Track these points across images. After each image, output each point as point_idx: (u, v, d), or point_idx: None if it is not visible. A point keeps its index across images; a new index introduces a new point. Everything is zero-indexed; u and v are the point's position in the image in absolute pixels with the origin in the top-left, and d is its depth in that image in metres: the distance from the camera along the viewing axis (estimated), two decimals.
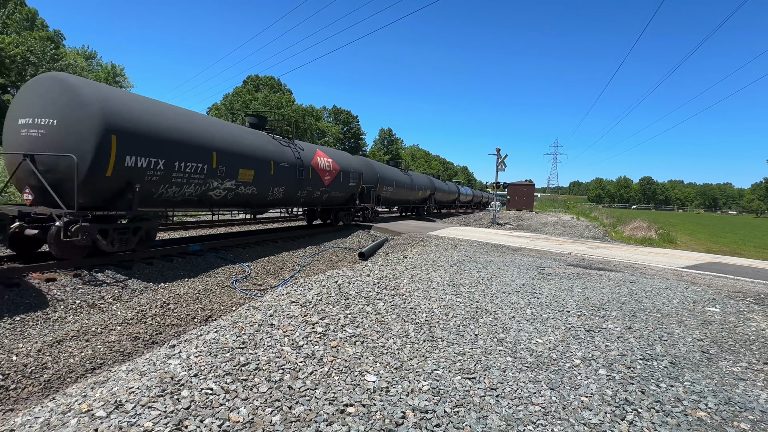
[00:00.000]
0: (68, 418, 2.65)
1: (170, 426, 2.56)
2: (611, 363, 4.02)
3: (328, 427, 2.69)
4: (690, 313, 5.89)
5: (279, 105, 53.11)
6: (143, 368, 3.39)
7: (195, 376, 3.20)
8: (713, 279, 8.97)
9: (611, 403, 3.23)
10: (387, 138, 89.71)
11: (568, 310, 5.67)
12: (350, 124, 74.58)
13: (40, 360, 4.78)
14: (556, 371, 3.77)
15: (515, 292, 6.52)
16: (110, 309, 6.42)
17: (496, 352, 4.12)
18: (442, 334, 4.54)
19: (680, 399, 3.37)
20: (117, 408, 2.73)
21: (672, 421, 3.03)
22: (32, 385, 4.44)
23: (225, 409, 2.79)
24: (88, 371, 4.86)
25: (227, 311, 7.08)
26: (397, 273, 7.47)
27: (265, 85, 58.15)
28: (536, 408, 3.11)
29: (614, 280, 7.83)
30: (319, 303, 5.25)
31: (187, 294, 7.40)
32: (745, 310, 6.29)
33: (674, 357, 4.25)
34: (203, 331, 4.28)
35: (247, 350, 3.74)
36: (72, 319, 5.96)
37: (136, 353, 5.39)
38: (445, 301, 5.80)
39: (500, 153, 25.94)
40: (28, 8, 39.33)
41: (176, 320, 6.49)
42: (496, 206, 29.42)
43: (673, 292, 7.13)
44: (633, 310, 5.89)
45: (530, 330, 4.82)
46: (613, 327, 5.09)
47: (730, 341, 4.85)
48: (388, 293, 5.99)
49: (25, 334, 5.38)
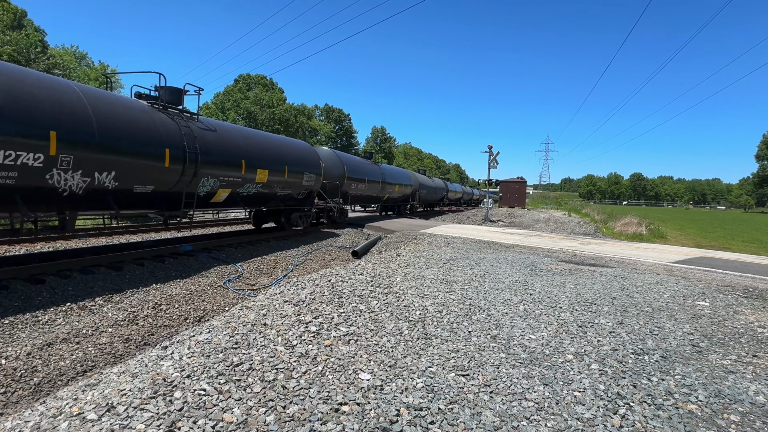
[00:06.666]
0: (59, 422, 2.62)
1: (163, 428, 2.54)
2: (603, 358, 4.05)
3: (322, 426, 2.69)
4: (680, 308, 5.96)
5: (270, 104, 52.78)
6: (135, 370, 3.36)
7: (188, 377, 3.17)
8: (703, 273, 9.08)
9: (603, 398, 3.26)
10: (380, 136, 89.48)
11: (561, 306, 5.71)
12: (342, 123, 74.31)
13: (30, 363, 4.72)
14: (549, 367, 3.79)
15: (508, 289, 6.55)
16: (101, 311, 6.35)
17: (489, 349, 4.14)
18: (435, 331, 4.54)
19: (671, 392, 3.40)
20: (109, 410, 2.70)
21: (663, 414, 3.07)
22: (22, 388, 4.38)
23: (218, 409, 2.78)
24: (79, 374, 4.81)
25: (220, 311, 7.04)
26: (390, 271, 7.47)
27: (256, 83, 57.75)
28: (530, 403, 3.13)
29: (606, 276, 7.90)
30: (313, 302, 5.23)
31: (179, 295, 7.35)
32: (734, 303, 6.38)
33: (665, 351, 4.30)
34: (196, 332, 4.25)
35: (241, 350, 3.72)
36: (62, 321, 5.89)
37: (128, 355, 5.33)
38: (438, 298, 5.81)
39: (492, 150, 25.99)
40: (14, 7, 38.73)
41: (168, 321, 6.43)
42: (489, 203, 29.50)
43: (663, 286, 7.21)
44: (624, 305, 5.94)
45: (523, 326, 4.85)
46: (605, 322, 5.13)
47: (719, 334, 4.92)
48: (381, 291, 5.98)
49: (15, 337, 5.30)
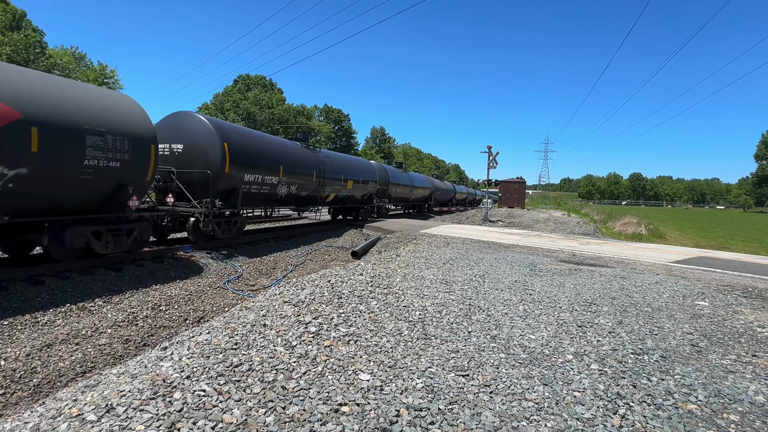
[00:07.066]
0: (58, 423, 2.61)
1: (162, 429, 2.54)
2: (603, 358, 4.05)
3: (322, 426, 2.68)
4: (680, 308, 5.96)
5: (269, 104, 52.78)
6: (134, 371, 3.36)
7: (187, 377, 3.17)
8: (702, 273, 9.09)
9: (603, 398, 3.26)
10: (379, 137, 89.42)
11: (560, 306, 5.71)
12: (341, 123, 74.25)
13: (30, 364, 4.72)
14: (548, 367, 3.79)
15: (508, 289, 6.55)
16: (101, 311, 6.35)
17: (489, 349, 4.14)
18: (435, 331, 4.54)
19: (671, 392, 3.41)
20: (108, 412, 2.70)
21: (663, 414, 3.07)
22: (21, 389, 4.38)
23: (218, 410, 2.77)
24: (78, 375, 4.80)
25: (220, 312, 7.03)
26: (390, 271, 7.47)
27: (256, 84, 57.73)
28: (529, 404, 3.13)
29: (605, 276, 7.90)
30: (312, 302, 5.23)
31: (179, 295, 7.34)
32: (733, 303, 6.38)
33: (665, 351, 4.30)
34: (195, 333, 4.25)
35: (240, 351, 3.72)
36: (61, 322, 5.89)
37: (128, 356, 5.33)
38: (438, 298, 5.81)
39: (491, 150, 25.99)
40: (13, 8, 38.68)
41: (168, 322, 6.43)
42: (488, 204, 29.50)
43: (663, 286, 7.21)
44: (624, 305, 5.95)
45: (523, 326, 4.85)
46: (605, 322, 5.13)
47: (719, 334, 4.92)
48: (381, 292, 5.98)
49: (14, 338, 5.30)
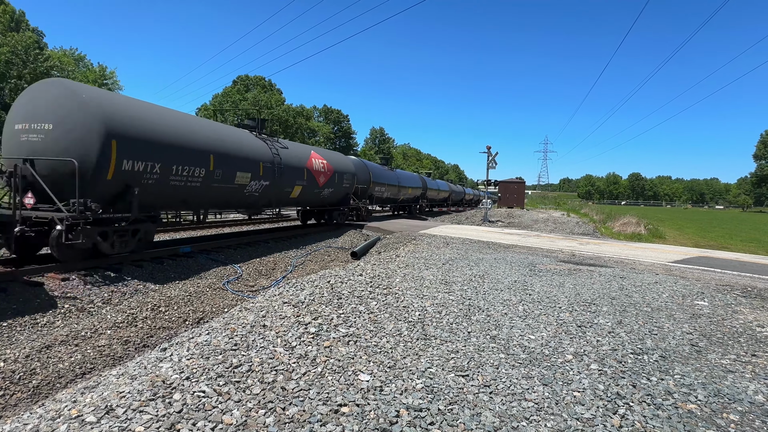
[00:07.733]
0: (58, 424, 2.61)
1: (162, 430, 2.53)
2: (603, 358, 4.05)
3: (322, 427, 2.68)
4: (679, 307, 5.97)
5: (269, 105, 52.77)
6: (134, 372, 3.35)
7: (187, 378, 3.17)
8: (701, 273, 9.10)
9: (603, 398, 3.26)
10: (378, 137, 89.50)
11: (560, 306, 5.71)
12: (341, 124, 74.30)
13: (29, 366, 4.71)
14: (548, 367, 3.79)
15: (507, 289, 6.56)
16: (100, 313, 6.34)
17: (489, 349, 4.14)
18: (435, 332, 4.54)
19: (671, 392, 3.41)
20: (108, 413, 2.70)
21: (663, 414, 3.07)
22: (21, 391, 4.37)
23: (218, 411, 2.77)
24: (77, 376, 4.80)
25: (219, 313, 7.03)
26: (389, 272, 7.46)
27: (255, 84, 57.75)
28: (529, 404, 3.13)
29: (605, 276, 7.90)
30: (312, 303, 5.23)
31: (179, 296, 7.33)
32: (732, 303, 6.39)
33: (664, 351, 4.31)
34: (195, 334, 4.24)
35: (240, 352, 3.71)
36: (61, 323, 5.88)
37: (127, 357, 5.33)
38: (437, 299, 5.81)
39: (491, 151, 26.02)
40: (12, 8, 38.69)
41: (167, 323, 6.42)
42: (488, 204, 29.55)
43: (662, 286, 7.22)
44: (623, 305, 5.95)
45: (522, 326, 4.85)
46: (604, 322, 5.13)
47: (718, 334, 4.92)
48: (380, 292, 5.98)
49: (13, 339, 5.30)
